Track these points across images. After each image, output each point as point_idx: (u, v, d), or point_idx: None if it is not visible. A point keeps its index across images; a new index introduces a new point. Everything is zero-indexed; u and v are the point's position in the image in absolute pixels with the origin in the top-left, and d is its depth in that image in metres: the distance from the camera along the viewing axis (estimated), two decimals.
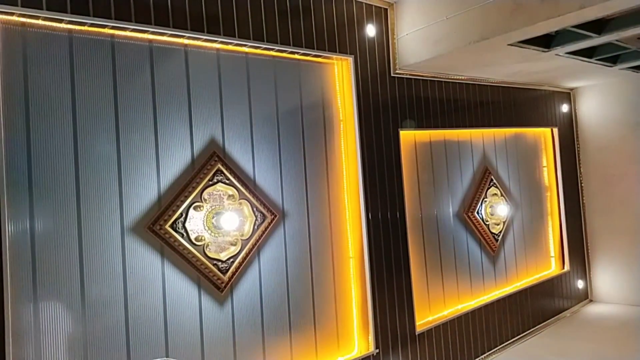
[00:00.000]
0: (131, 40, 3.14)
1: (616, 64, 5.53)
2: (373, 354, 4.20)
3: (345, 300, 4.19)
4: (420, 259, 4.88)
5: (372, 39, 4.46)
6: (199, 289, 3.32)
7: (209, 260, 3.33)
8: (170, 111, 3.26)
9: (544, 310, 6.17)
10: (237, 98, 3.59)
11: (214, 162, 3.41)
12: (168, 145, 3.24)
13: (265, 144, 3.74)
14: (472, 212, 5.47)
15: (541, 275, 6.32)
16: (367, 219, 4.29)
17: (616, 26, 4.11)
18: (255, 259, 3.62)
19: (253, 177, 3.65)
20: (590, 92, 6.91)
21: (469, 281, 5.35)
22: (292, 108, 3.95)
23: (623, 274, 6.68)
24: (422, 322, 4.78)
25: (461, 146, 5.48)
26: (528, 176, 6.37)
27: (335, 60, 4.25)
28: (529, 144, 6.48)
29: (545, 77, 5.98)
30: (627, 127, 6.58)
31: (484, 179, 5.65)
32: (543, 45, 4.46)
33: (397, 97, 4.69)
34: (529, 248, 6.22)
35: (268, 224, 3.67)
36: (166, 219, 3.18)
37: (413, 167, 4.92)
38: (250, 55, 3.69)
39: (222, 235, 3.41)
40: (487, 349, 5.32)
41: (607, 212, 6.78)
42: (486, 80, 5.63)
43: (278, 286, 3.74)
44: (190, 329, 3.26)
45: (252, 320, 3.57)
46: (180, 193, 3.25)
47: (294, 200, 3.91)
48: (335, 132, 4.26)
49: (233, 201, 3.49)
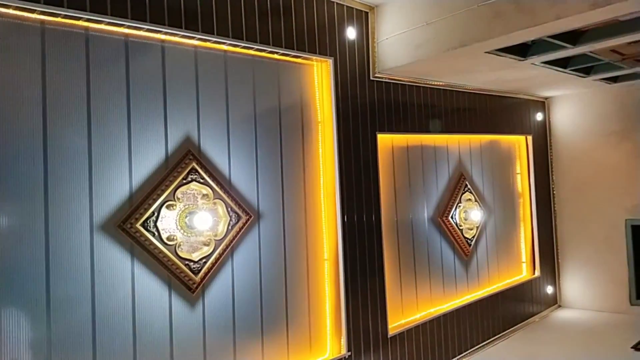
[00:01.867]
0: (106, 34, 3.06)
1: (589, 74, 5.67)
2: (345, 356, 4.19)
3: (318, 302, 4.18)
4: (394, 263, 4.90)
5: (352, 42, 4.47)
6: (169, 289, 3.25)
7: (180, 261, 3.27)
8: (144, 107, 3.19)
9: (514, 315, 6.27)
10: (214, 96, 3.54)
11: (189, 160, 3.35)
12: (141, 142, 3.16)
13: (242, 144, 3.70)
14: (447, 217, 5.52)
15: (512, 280, 6.42)
16: (342, 222, 4.29)
17: (590, 38, 4.20)
18: (229, 259, 3.58)
19: (228, 176, 3.60)
20: (564, 102, 7.06)
21: (441, 285, 5.40)
22: (270, 108, 3.92)
23: (591, 281, 6.85)
24: (395, 324, 4.80)
25: (437, 151, 5.52)
26: (502, 182, 6.47)
27: (314, 61, 4.23)
28: (504, 151, 6.58)
29: (521, 85, 6.09)
30: (599, 137, 6.74)
31: (459, 185, 5.72)
32: (520, 54, 4.53)
33: (376, 101, 4.70)
34: (501, 253, 6.31)
35: (243, 224, 3.63)
36: (137, 218, 3.11)
37: (390, 171, 4.94)
38: (228, 53, 3.64)
39: (195, 235, 3.35)
40: (458, 353, 5.38)
41: (577, 220, 6.94)
42: (464, 87, 5.69)
43: (251, 287, 3.70)
44: (159, 330, 3.20)
45: (223, 322, 3.52)
46: (152, 191, 3.18)
47: (270, 201, 3.87)
48: (313, 134, 4.24)
49: (207, 201, 3.44)
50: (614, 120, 6.59)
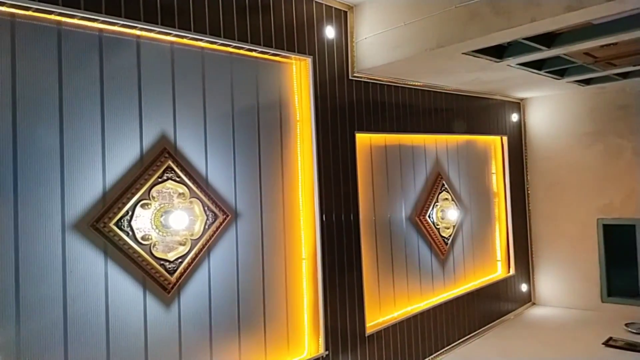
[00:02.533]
0: (79, 29, 2.98)
1: (563, 77, 5.78)
2: (323, 355, 4.19)
3: (296, 302, 4.16)
4: (372, 262, 4.92)
5: (331, 41, 4.46)
6: (144, 290, 3.20)
7: (155, 261, 3.21)
8: (119, 104, 3.13)
9: (490, 312, 6.37)
10: (191, 94, 3.49)
11: (164, 158, 3.29)
12: (115, 140, 3.10)
13: (219, 142, 3.66)
14: (424, 216, 5.57)
15: (488, 278, 6.51)
16: (321, 221, 4.28)
17: (564, 41, 4.28)
18: (205, 259, 3.54)
19: (205, 175, 3.56)
20: (539, 103, 7.19)
21: (419, 283, 5.45)
22: (248, 106, 3.88)
23: (564, 279, 7.00)
24: (373, 323, 4.82)
25: (415, 151, 5.57)
26: (478, 182, 6.55)
27: (293, 60, 4.21)
28: (480, 151, 6.67)
29: (497, 86, 6.18)
30: (572, 138, 6.89)
31: (436, 184, 5.77)
32: (496, 56, 4.60)
33: (355, 100, 4.71)
34: (477, 252, 6.40)
35: (220, 223, 3.59)
36: (111, 217, 3.04)
37: (368, 170, 4.96)
38: (206, 50, 3.60)
39: (171, 234, 3.30)
40: (435, 350, 5.43)
41: (551, 219, 7.09)
42: (441, 88, 5.75)
43: (228, 287, 3.66)
44: (133, 331, 3.14)
45: (199, 322, 3.48)
46: (127, 190, 3.12)
47: (248, 200, 3.84)
48: (292, 133, 4.22)
49: (183, 200, 3.39)
50: (587, 121, 6.75)
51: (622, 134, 6.44)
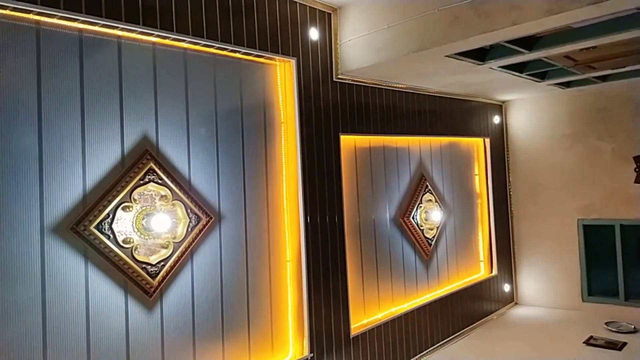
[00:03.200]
0: (59, 29, 2.94)
1: (544, 79, 5.87)
2: (307, 358, 4.18)
3: (281, 304, 4.15)
4: (357, 263, 4.93)
5: (315, 43, 4.46)
6: (125, 293, 3.15)
7: (137, 264, 3.17)
8: (99, 105, 3.08)
9: (473, 313, 6.42)
10: (173, 95, 3.46)
11: (146, 160, 3.25)
12: (96, 141, 3.05)
13: (202, 144, 3.63)
14: (408, 217, 5.59)
15: (471, 279, 6.57)
16: (305, 223, 4.27)
17: (545, 44, 4.35)
18: (188, 262, 3.50)
19: (188, 177, 3.52)
20: (520, 105, 7.29)
21: (403, 285, 5.47)
22: (232, 108, 3.86)
23: (546, 279, 7.09)
24: (357, 325, 4.82)
25: (399, 153, 5.59)
26: (461, 183, 6.61)
27: (277, 61, 4.20)
28: (463, 152, 6.73)
29: (479, 89, 6.24)
30: (553, 140, 6.99)
31: (420, 186, 5.80)
32: (478, 59, 4.64)
33: (339, 102, 4.71)
34: (460, 253, 6.45)
35: (203, 226, 3.56)
36: (91, 220, 2.99)
37: (352, 172, 4.97)
38: (188, 51, 3.57)
39: (153, 237, 3.26)
40: (419, 351, 5.46)
41: (533, 220, 7.18)
42: (424, 90, 5.78)
43: (211, 290, 3.63)
44: (115, 335, 3.09)
45: (182, 326, 3.44)
46: (107, 192, 3.07)
47: (231, 202, 3.81)
48: (276, 135, 4.21)
49: (166, 202, 3.35)
50: (567, 123, 6.85)
51: (602, 136, 6.55)
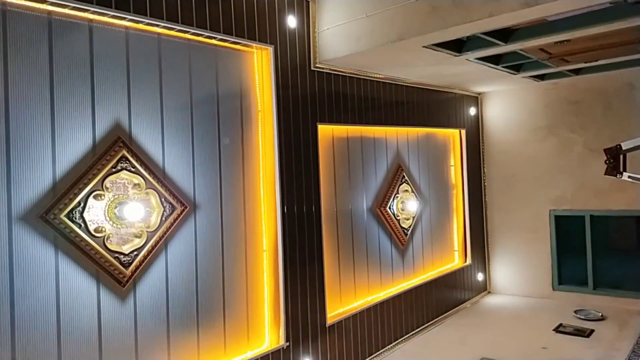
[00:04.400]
0: (27, 10, 2.83)
1: (519, 72, 5.95)
2: (283, 347, 4.19)
3: (257, 294, 4.13)
4: (333, 253, 4.94)
5: (293, 31, 4.41)
6: (97, 283, 3.09)
7: (109, 253, 3.11)
8: (70, 91, 2.99)
9: (447, 301, 6.52)
10: (147, 81, 3.38)
11: (119, 148, 3.18)
12: (66, 128, 2.97)
13: (177, 132, 3.56)
14: (385, 207, 5.63)
15: (445, 268, 6.67)
16: (282, 212, 4.26)
17: (520, 36, 4.39)
18: (162, 252, 3.45)
19: (162, 166, 3.46)
20: (496, 97, 7.38)
21: (379, 274, 5.51)
22: (208, 95, 3.80)
23: (518, 268, 7.24)
24: (333, 314, 4.85)
25: (377, 143, 5.60)
26: (437, 174, 6.68)
27: (254, 48, 4.14)
28: (439, 143, 6.79)
29: (456, 80, 6.29)
30: (527, 132, 7.11)
31: (397, 176, 5.84)
32: (455, 50, 4.67)
33: (317, 91, 4.68)
34: (435, 242, 6.53)
35: (177, 215, 3.51)
36: (61, 208, 2.92)
37: (330, 162, 4.96)
38: (163, 36, 3.48)
39: (126, 226, 3.20)
40: (395, 339, 5.52)
41: (506, 210, 7.31)
42: (402, 81, 5.80)
43: (186, 280, 3.59)
44: (87, 325, 3.03)
45: (156, 316, 3.40)
46: (78, 180, 3.00)
47: (207, 191, 3.77)
48: (253, 123, 4.17)
49: (139, 191, 3.28)
50: (541, 116, 6.97)
51: (574, 128, 6.69)
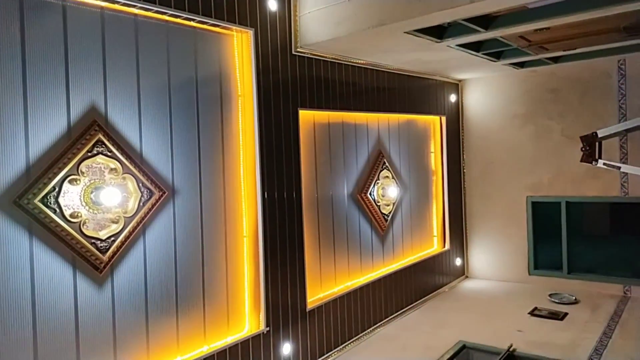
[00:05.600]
0: None
1: (499, 59, 5.99)
2: (263, 332, 4.20)
3: (237, 279, 4.13)
4: (314, 238, 4.95)
5: (274, 14, 4.35)
6: (74, 269, 3.04)
7: (86, 239, 3.06)
8: (43, 72, 2.90)
9: (426, 286, 6.62)
10: (123, 64, 3.30)
11: (94, 131, 3.11)
12: (39, 111, 2.89)
13: (155, 116, 3.50)
14: (365, 193, 5.65)
15: (424, 253, 6.75)
16: (262, 198, 4.24)
17: (501, 23, 4.41)
18: (141, 237, 3.41)
19: (140, 150, 3.40)
20: (476, 85, 7.43)
21: (359, 259, 5.55)
22: (187, 79, 3.73)
23: (495, 253, 7.37)
24: (314, 299, 4.88)
25: (358, 129, 5.60)
26: (417, 160, 6.72)
27: (234, 31, 4.08)
28: (420, 130, 6.82)
29: (437, 67, 6.30)
30: (506, 119, 7.18)
31: (378, 162, 5.86)
32: (436, 36, 4.66)
33: (298, 76, 4.64)
34: (415, 228, 6.60)
35: (156, 200, 3.46)
36: (35, 193, 2.85)
37: (311, 148, 4.94)
38: (140, 17, 3.40)
39: (102, 212, 3.14)
40: (374, 323, 5.59)
41: (484, 197, 7.41)
42: (384, 67, 5.78)
43: (165, 266, 3.56)
44: (63, 312, 2.99)
45: (134, 302, 3.36)
46: (53, 164, 2.92)
47: (186, 176, 3.72)
48: (233, 108, 4.12)
49: (115, 175, 3.22)
50: (520, 103, 7.05)
51: (552, 116, 6.78)
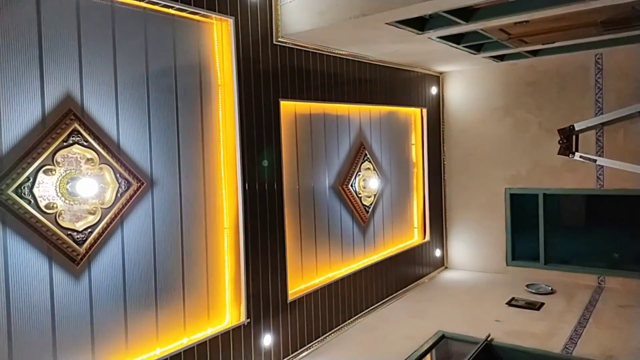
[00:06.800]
0: None
1: (480, 52, 6.03)
2: (244, 323, 4.19)
3: (217, 271, 4.10)
4: (295, 230, 4.94)
5: (255, 3, 4.29)
6: (49, 262, 2.98)
7: (62, 231, 2.99)
8: (15, 59, 2.81)
9: (406, 277, 6.68)
10: (99, 51, 3.22)
11: (70, 120, 3.03)
12: (12, 99, 2.80)
13: (133, 105, 3.43)
14: (347, 185, 5.65)
15: (405, 244, 6.80)
16: (243, 189, 4.20)
17: (481, 16, 4.43)
18: (118, 229, 3.35)
19: (117, 140, 3.33)
20: (457, 77, 7.47)
21: (340, 250, 5.57)
22: (165, 68, 3.67)
23: (474, 244, 7.47)
24: (295, 290, 4.88)
25: (339, 121, 5.59)
26: (398, 152, 6.75)
27: (214, 20, 4.02)
28: (401, 122, 6.84)
29: (418, 59, 6.32)
30: (485, 112, 7.25)
31: (359, 154, 5.86)
32: (418, 28, 4.67)
33: (279, 66, 4.60)
34: (396, 219, 6.64)
35: (134, 191, 3.40)
36: (9, 183, 2.78)
37: (292, 139, 4.92)
38: (116, 3, 3.31)
39: (79, 203, 3.08)
40: (355, 314, 5.63)
41: (464, 188, 7.49)
42: (365, 58, 5.77)
43: (144, 258, 3.51)
44: (39, 305, 2.93)
45: (113, 294, 3.32)
46: (27, 154, 2.85)
47: (165, 167, 3.67)
48: (213, 98, 4.06)
49: (92, 166, 3.16)
50: (499, 96, 7.12)
51: (530, 109, 6.87)
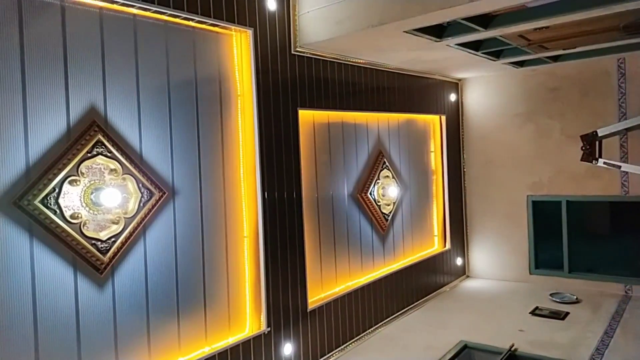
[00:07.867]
0: None
1: (499, 58, 5.98)
2: (265, 332, 4.19)
3: (238, 280, 4.12)
4: (314, 238, 4.94)
5: (273, 13, 4.34)
6: (74, 270, 3.03)
7: (86, 240, 3.05)
8: (42, 73, 2.89)
9: (427, 286, 6.61)
10: (122, 64, 3.29)
11: (94, 132, 3.10)
12: (39, 112, 2.88)
13: (155, 116, 3.49)
14: (366, 193, 5.64)
15: (425, 252, 6.74)
16: (263, 198, 4.23)
17: (500, 22, 4.40)
18: (141, 238, 3.40)
19: (139, 151, 3.39)
20: (476, 84, 7.42)
21: (359, 259, 5.54)
22: (186, 79, 3.72)
23: (496, 253, 7.36)
24: (314, 299, 4.87)
25: (358, 129, 5.59)
26: (417, 160, 6.71)
27: (233, 31, 4.07)
28: (419, 129, 6.81)
29: (437, 66, 6.29)
30: (506, 118, 7.18)
31: (378, 162, 5.85)
32: (436, 36, 4.66)
33: (297, 76, 4.64)
34: (415, 227, 6.59)
35: (156, 201, 3.45)
36: (35, 194, 2.84)
37: (311, 148, 4.93)
38: (138, 17, 3.39)
39: (103, 212, 3.13)
40: (375, 323, 5.58)
41: (484, 196, 7.40)
42: (383, 66, 5.78)
43: (166, 267, 3.55)
44: (64, 314, 2.98)
45: (135, 304, 3.35)
46: (52, 165, 2.92)
47: (186, 177, 3.71)
48: (233, 108, 4.11)
49: (115, 176, 3.21)
50: (519, 102, 7.04)
51: (552, 115, 6.78)
